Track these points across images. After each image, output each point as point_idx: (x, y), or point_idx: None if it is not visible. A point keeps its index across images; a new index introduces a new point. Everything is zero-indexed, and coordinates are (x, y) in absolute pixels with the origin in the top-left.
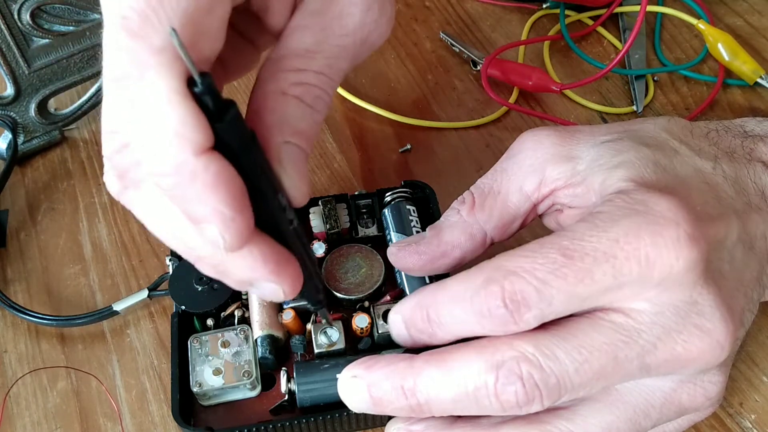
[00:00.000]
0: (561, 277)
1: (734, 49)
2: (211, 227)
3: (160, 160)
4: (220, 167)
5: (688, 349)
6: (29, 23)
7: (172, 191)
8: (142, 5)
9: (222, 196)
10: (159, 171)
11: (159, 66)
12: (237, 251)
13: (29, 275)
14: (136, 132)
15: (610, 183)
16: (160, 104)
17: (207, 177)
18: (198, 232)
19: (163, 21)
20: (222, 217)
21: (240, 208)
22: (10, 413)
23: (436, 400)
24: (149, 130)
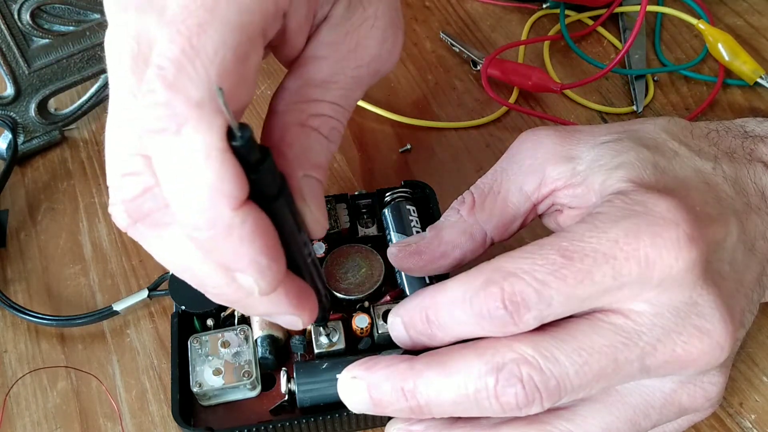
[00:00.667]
0: (560, 278)
1: (734, 49)
2: (245, 277)
3: (196, 215)
4: (257, 219)
5: (687, 351)
6: (29, 23)
7: (206, 244)
8: (178, 54)
9: (259, 247)
10: (193, 224)
11: (198, 121)
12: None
13: (29, 275)
14: (170, 185)
15: (609, 184)
16: (199, 160)
17: (244, 231)
18: (229, 278)
19: (200, 72)
20: (258, 267)
21: (275, 256)
22: (10, 413)
23: (436, 401)
24: (185, 184)
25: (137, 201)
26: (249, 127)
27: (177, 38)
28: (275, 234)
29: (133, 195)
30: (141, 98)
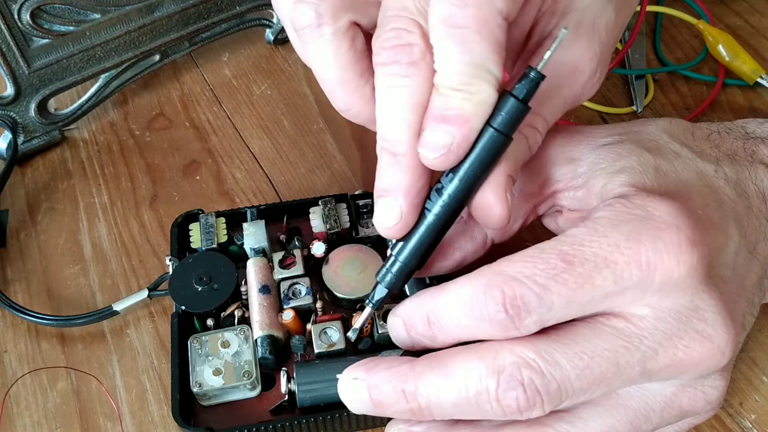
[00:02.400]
0: (561, 282)
1: (734, 49)
2: (441, 132)
3: (463, 67)
4: (487, 110)
5: (689, 355)
6: (29, 23)
7: (453, 98)
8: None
9: (473, 131)
10: (456, 72)
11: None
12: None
13: (29, 275)
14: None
15: (611, 188)
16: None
17: (480, 109)
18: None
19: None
20: (459, 137)
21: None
22: (10, 413)
23: (436, 404)
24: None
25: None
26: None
27: None
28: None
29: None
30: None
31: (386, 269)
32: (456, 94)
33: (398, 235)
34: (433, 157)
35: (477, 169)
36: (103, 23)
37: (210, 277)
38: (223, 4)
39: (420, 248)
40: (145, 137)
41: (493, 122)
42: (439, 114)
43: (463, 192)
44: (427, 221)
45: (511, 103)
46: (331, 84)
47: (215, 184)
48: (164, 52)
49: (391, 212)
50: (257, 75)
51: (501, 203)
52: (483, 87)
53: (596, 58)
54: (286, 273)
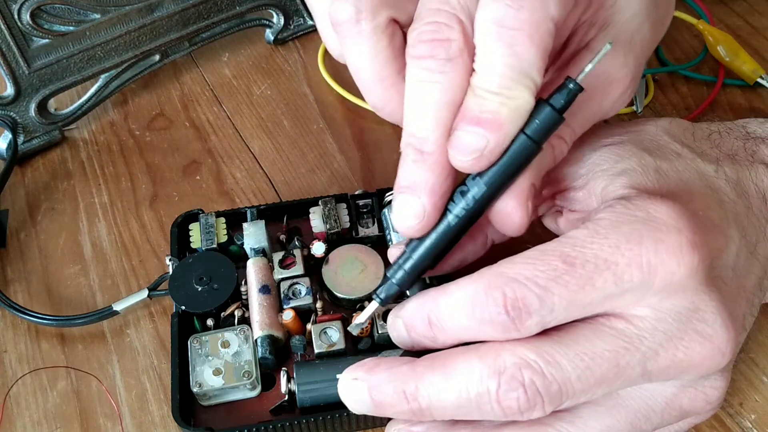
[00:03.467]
0: (562, 284)
1: (734, 49)
2: (473, 134)
3: (505, 69)
4: (522, 118)
5: (689, 356)
6: (29, 23)
7: (484, 96)
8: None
9: (508, 135)
10: (494, 76)
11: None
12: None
13: (29, 275)
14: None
15: (612, 190)
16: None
17: (516, 115)
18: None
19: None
20: (493, 142)
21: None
22: (10, 413)
23: (437, 404)
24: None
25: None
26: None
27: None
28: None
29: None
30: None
31: (398, 266)
32: (494, 98)
33: (417, 235)
34: (464, 159)
35: (504, 176)
36: (103, 23)
37: (210, 277)
38: (223, 4)
39: (436, 249)
40: (145, 137)
41: (526, 129)
42: (474, 116)
43: (487, 196)
44: (448, 222)
45: (547, 112)
46: (367, 81)
47: (215, 184)
48: (164, 52)
49: (413, 210)
50: (257, 75)
51: (521, 211)
52: (523, 93)
53: (630, 75)
54: (286, 273)
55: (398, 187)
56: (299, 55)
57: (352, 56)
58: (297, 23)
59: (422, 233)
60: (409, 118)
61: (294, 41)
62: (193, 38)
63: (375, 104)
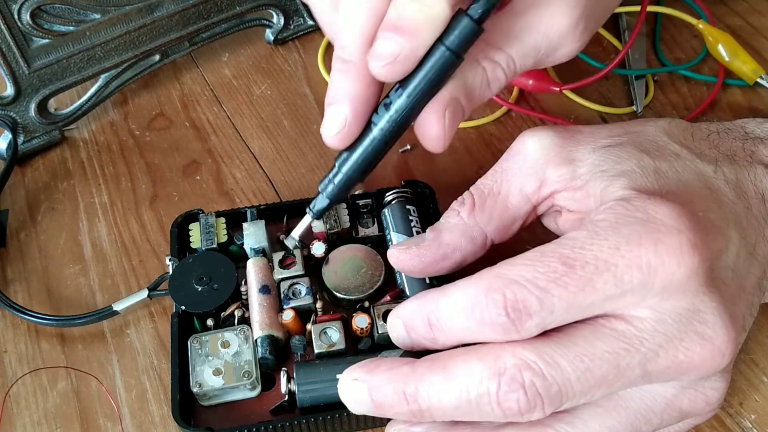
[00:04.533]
0: (562, 285)
1: (734, 49)
2: (390, 41)
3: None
4: (442, 24)
5: (689, 357)
6: (29, 23)
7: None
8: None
9: (424, 44)
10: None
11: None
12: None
13: (29, 275)
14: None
15: (611, 190)
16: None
17: (437, 22)
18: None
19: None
20: (404, 46)
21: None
22: (10, 413)
23: (437, 405)
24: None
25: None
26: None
27: None
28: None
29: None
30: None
31: (329, 179)
32: (411, 5)
33: (341, 145)
34: (379, 65)
35: (424, 85)
36: (103, 23)
37: (210, 277)
38: (223, 4)
39: (364, 161)
40: (145, 137)
41: (444, 39)
42: (392, 23)
43: (409, 107)
44: (372, 134)
45: (464, 22)
46: (322, 9)
47: (215, 184)
48: (164, 52)
49: (336, 120)
50: (257, 75)
51: (438, 122)
52: (438, 0)
53: (579, 8)
54: (286, 273)
55: (326, 100)
56: (299, 55)
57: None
58: (297, 23)
59: (346, 143)
60: (338, 31)
61: (294, 41)
62: (193, 38)
63: (330, 33)
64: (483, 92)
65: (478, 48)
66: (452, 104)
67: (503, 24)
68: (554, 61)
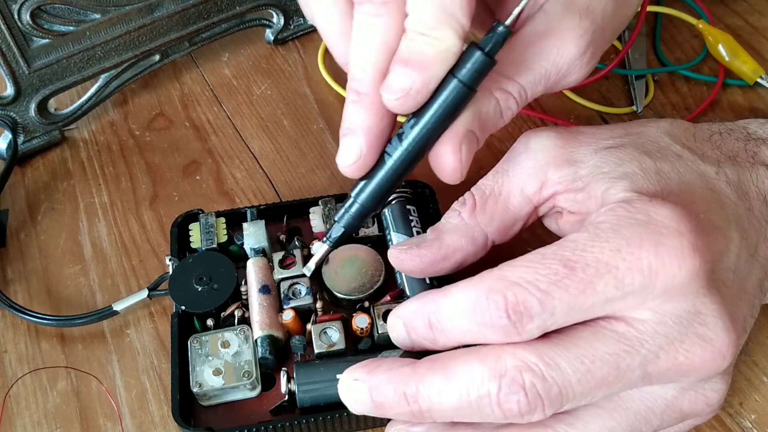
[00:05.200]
0: (563, 288)
1: (734, 49)
2: (403, 75)
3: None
4: (453, 57)
5: (690, 359)
6: (29, 23)
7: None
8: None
9: (432, 80)
10: (421, 19)
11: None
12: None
13: (29, 275)
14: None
15: (613, 192)
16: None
17: (448, 54)
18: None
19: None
20: (415, 81)
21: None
22: (10, 413)
23: (437, 406)
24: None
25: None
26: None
27: None
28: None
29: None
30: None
31: (345, 209)
32: (421, 39)
33: (356, 174)
34: (392, 98)
35: (437, 118)
36: (103, 23)
37: (210, 277)
38: (223, 4)
39: (378, 191)
40: (145, 137)
41: (456, 72)
42: (404, 57)
43: (422, 139)
44: (387, 165)
45: (476, 55)
46: (331, 36)
47: (215, 184)
48: (164, 52)
49: (351, 150)
50: (257, 75)
51: (454, 155)
52: (448, 33)
53: (586, 37)
54: (286, 273)
55: (341, 130)
56: (299, 55)
57: (316, 14)
58: (297, 23)
59: (361, 172)
60: (351, 62)
61: (294, 41)
62: (193, 38)
63: (339, 60)
64: (496, 122)
65: (490, 79)
66: (468, 137)
67: (514, 54)
68: (563, 87)
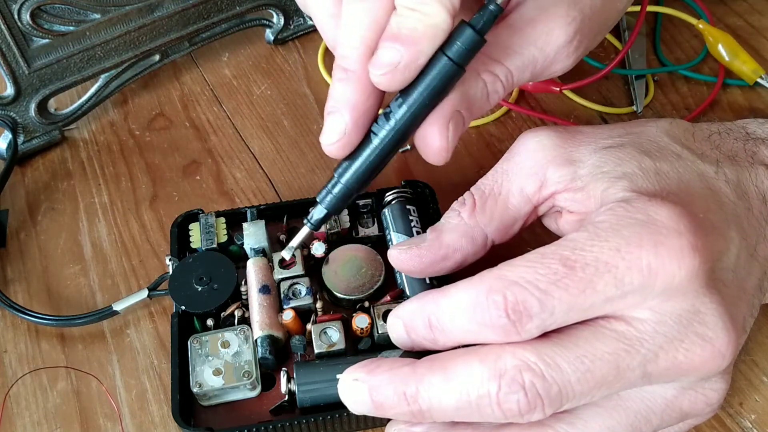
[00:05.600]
0: (563, 287)
1: (734, 49)
2: (391, 50)
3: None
4: (442, 34)
5: (689, 358)
6: (29, 23)
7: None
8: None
9: (425, 52)
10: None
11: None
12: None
13: (29, 275)
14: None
15: (612, 192)
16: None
17: (438, 31)
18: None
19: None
20: (405, 57)
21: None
22: (10, 413)
23: (437, 406)
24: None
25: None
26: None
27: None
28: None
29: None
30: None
31: (327, 190)
32: (411, 14)
33: (340, 153)
34: (378, 74)
35: (425, 96)
36: (103, 23)
37: (210, 277)
38: (223, 4)
39: (363, 171)
40: (145, 137)
41: (446, 50)
42: (393, 33)
43: (409, 118)
44: (372, 144)
45: (466, 33)
46: (322, 17)
47: (215, 184)
48: (164, 52)
49: (336, 128)
50: (257, 75)
51: (440, 135)
52: (437, 9)
53: (574, 24)
54: (286, 273)
55: (326, 108)
56: (299, 55)
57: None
58: (297, 23)
59: (345, 151)
60: (339, 40)
61: (294, 41)
62: (193, 38)
63: (330, 41)
64: (482, 105)
65: (478, 61)
66: (455, 117)
67: (503, 38)
68: (549, 75)
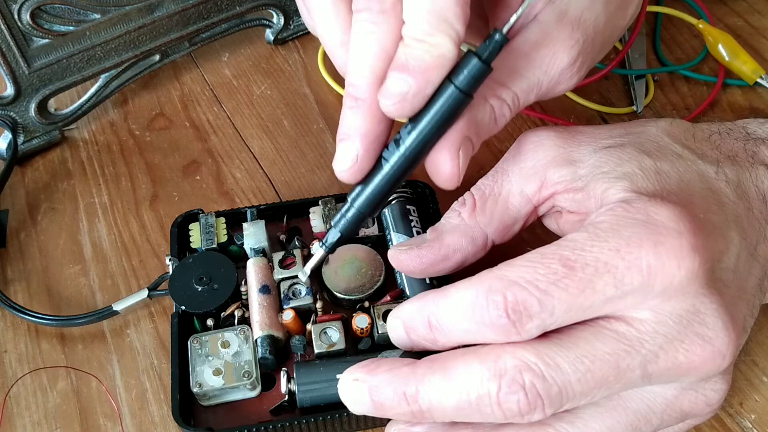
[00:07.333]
0: (562, 287)
1: (734, 49)
2: (401, 80)
3: (423, 21)
4: (448, 65)
5: (689, 358)
6: (29, 23)
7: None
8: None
9: (430, 85)
10: (417, 25)
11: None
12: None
13: (29, 275)
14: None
15: (612, 193)
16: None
17: (443, 61)
18: (382, 66)
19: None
20: (410, 89)
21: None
22: (10, 413)
23: (438, 406)
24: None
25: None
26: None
27: None
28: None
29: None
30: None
31: (341, 214)
32: (418, 45)
33: (352, 180)
34: (388, 103)
35: (434, 123)
36: (103, 23)
37: (210, 277)
38: (223, 4)
39: (375, 196)
40: (145, 137)
41: (453, 78)
42: (401, 63)
43: (419, 144)
44: (383, 170)
45: (473, 62)
46: (332, 46)
47: (215, 184)
48: (164, 52)
49: (348, 155)
50: (257, 75)
51: (452, 161)
52: (443, 39)
53: (577, 47)
54: (286, 273)
55: (338, 135)
56: (299, 55)
57: (318, 24)
58: (297, 23)
59: (357, 177)
60: (349, 69)
61: (294, 41)
62: (193, 38)
63: (341, 68)
64: (491, 128)
65: (485, 86)
66: (465, 143)
67: (509, 62)
68: (552, 96)
